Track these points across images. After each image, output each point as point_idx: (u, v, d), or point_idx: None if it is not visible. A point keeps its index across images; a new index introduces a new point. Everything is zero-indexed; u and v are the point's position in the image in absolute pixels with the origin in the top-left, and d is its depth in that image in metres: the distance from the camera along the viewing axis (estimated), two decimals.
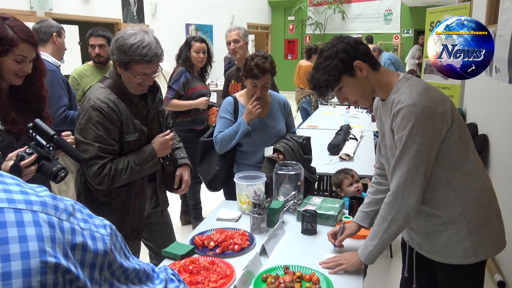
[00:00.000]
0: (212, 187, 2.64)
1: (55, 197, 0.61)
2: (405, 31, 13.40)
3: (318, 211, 2.08)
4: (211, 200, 3.94)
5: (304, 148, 2.58)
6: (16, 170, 1.50)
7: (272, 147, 2.49)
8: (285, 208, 2.17)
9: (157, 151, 1.99)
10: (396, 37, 13.38)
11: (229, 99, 2.58)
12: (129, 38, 1.79)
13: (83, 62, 5.95)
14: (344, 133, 3.81)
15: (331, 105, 7.13)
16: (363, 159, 3.41)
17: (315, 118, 5.43)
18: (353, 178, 2.66)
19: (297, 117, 6.88)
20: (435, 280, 1.74)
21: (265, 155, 2.49)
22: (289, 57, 15.33)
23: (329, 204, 2.21)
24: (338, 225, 1.89)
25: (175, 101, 3.39)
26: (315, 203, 2.23)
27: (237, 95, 2.62)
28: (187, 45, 3.48)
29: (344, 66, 1.53)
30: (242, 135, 2.45)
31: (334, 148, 3.54)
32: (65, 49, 2.89)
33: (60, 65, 2.75)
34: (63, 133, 1.80)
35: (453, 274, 1.62)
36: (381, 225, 1.56)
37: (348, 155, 3.38)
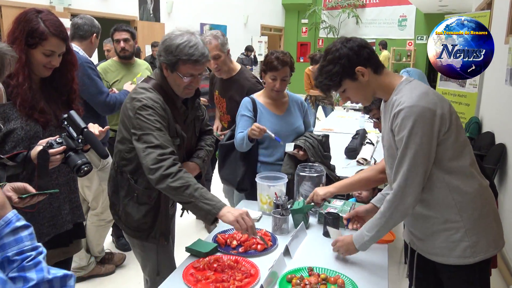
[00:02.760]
0: (241, 189, 2.61)
1: None
2: (419, 37, 13.35)
3: (340, 214, 2.08)
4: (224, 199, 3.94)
5: (323, 145, 2.60)
6: (44, 155, 1.52)
7: (293, 143, 2.50)
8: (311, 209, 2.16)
9: (222, 215, 1.72)
10: (410, 43, 13.33)
11: (247, 99, 2.60)
12: (176, 38, 1.78)
13: (99, 57, 6.01)
14: (360, 138, 3.80)
15: (344, 109, 7.14)
16: None
17: (329, 121, 5.43)
18: None
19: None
20: (440, 283, 1.77)
21: (285, 151, 2.50)
22: (301, 60, 15.33)
23: (350, 207, 2.21)
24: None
25: None
26: (336, 206, 2.23)
27: (255, 95, 2.63)
28: None
29: (345, 72, 1.58)
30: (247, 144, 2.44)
31: (351, 152, 3.54)
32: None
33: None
34: (90, 124, 1.80)
35: (455, 275, 1.65)
36: (380, 219, 1.62)
37: (365, 160, 3.37)
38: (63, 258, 1.96)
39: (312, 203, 2.10)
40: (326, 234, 2.01)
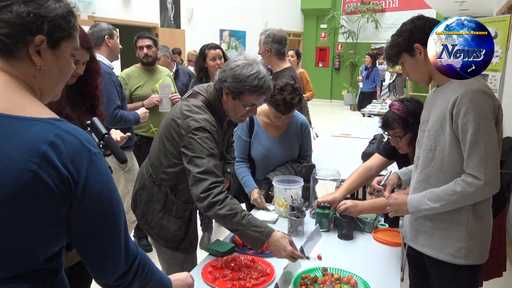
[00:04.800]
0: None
1: None
2: None
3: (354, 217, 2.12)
4: None
5: (302, 176, 2.48)
6: None
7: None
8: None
9: (273, 250, 1.70)
10: None
11: None
12: (246, 68, 1.78)
13: (122, 63, 6.18)
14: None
15: (362, 114, 7.14)
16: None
17: (347, 126, 5.46)
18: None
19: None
20: (424, 274, 1.81)
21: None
22: (320, 65, 15.34)
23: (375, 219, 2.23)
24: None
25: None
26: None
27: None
28: (202, 54, 3.34)
29: (404, 45, 1.64)
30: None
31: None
32: (120, 48, 2.99)
33: (113, 68, 2.88)
34: (112, 130, 1.89)
35: (442, 271, 1.68)
36: (451, 196, 1.55)
37: None
38: None
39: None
40: (342, 236, 2.06)
